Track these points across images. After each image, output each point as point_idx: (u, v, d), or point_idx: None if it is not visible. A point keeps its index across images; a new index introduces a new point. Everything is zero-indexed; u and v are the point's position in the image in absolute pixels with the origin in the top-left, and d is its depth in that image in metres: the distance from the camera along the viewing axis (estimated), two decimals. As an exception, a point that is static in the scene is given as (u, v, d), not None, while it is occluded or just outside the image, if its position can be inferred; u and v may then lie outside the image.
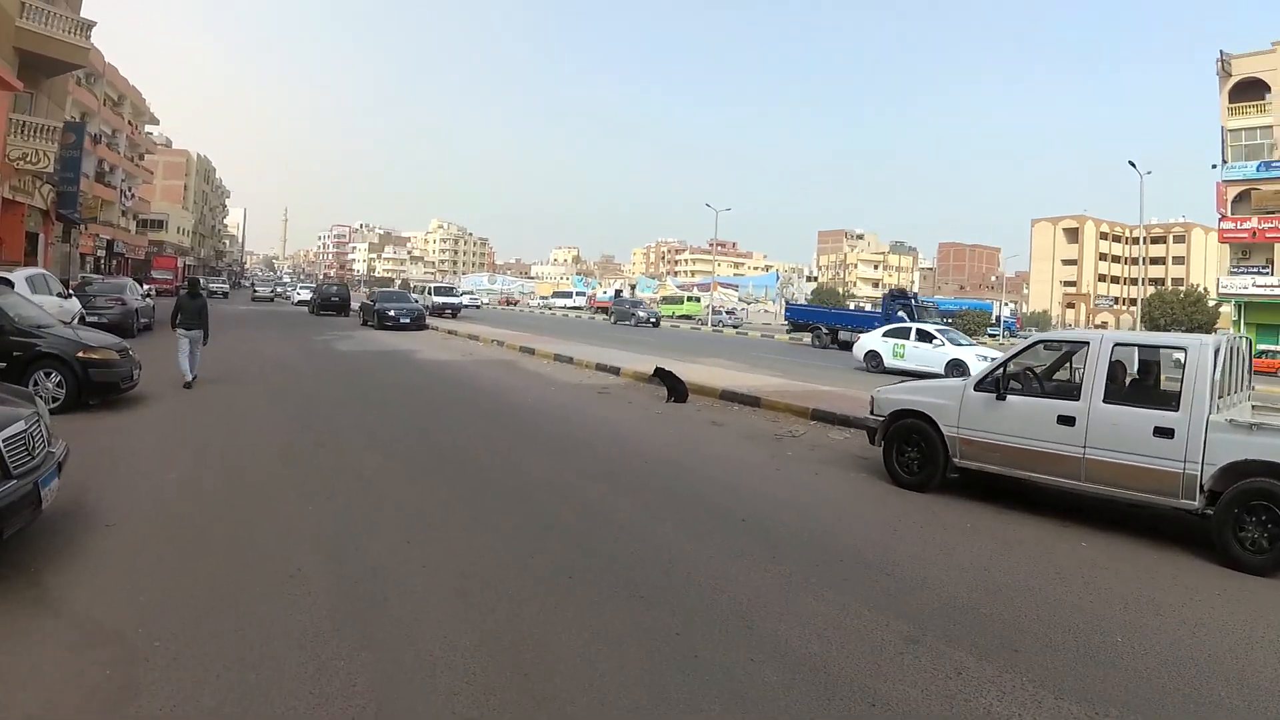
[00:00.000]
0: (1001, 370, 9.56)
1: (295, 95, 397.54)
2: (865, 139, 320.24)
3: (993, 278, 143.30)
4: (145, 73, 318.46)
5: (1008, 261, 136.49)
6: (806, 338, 49.88)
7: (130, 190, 75.89)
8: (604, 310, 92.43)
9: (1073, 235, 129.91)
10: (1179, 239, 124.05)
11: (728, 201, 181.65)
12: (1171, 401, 8.27)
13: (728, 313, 79.58)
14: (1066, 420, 8.77)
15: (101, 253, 67.36)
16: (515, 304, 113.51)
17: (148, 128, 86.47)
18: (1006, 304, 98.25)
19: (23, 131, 30.15)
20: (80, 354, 12.32)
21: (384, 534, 6.88)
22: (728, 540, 7.33)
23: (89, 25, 33.40)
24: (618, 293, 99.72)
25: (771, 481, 10.10)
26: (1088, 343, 9.14)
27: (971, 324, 71.87)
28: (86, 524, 6.89)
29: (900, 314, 41.34)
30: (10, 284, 16.93)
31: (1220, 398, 8.19)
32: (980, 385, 9.67)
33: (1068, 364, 10.27)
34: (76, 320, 20.36)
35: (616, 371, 21.59)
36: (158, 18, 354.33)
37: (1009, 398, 9.35)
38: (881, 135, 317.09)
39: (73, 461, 7.27)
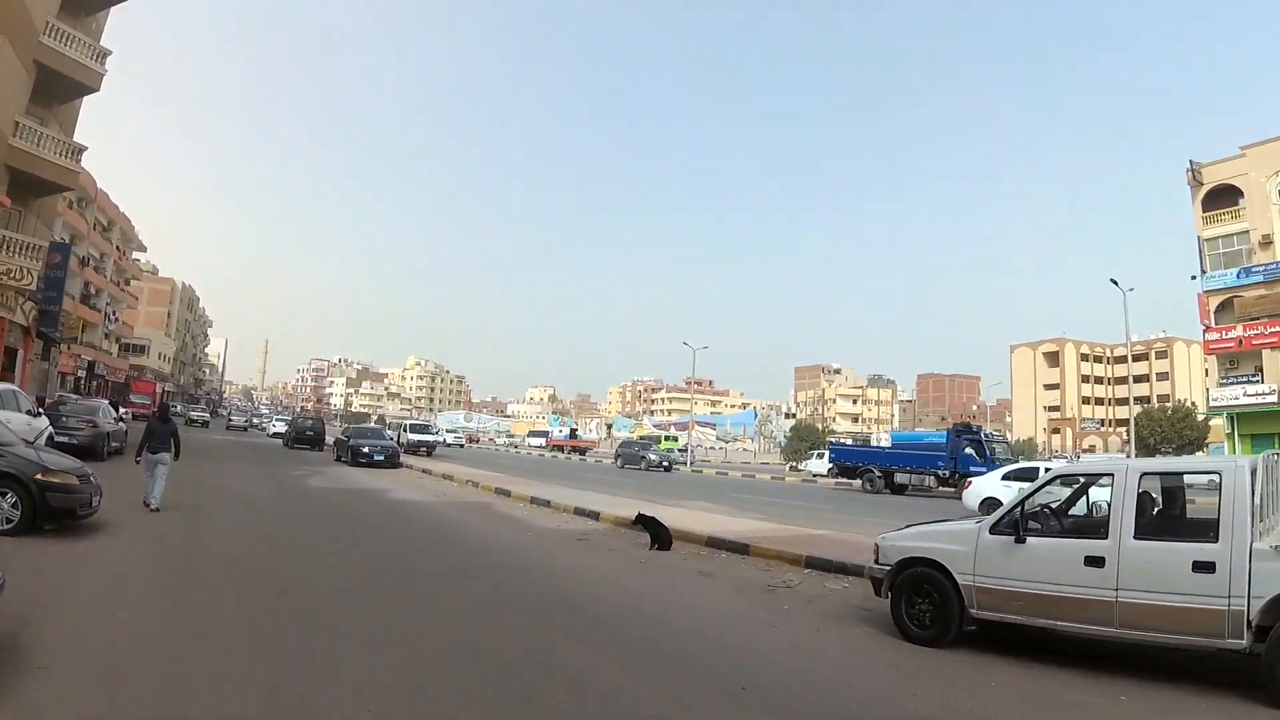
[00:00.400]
0: (1019, 510, 8.84)
1: (281, 229, 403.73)
2: (836, 272, 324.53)
3: (974, 407, 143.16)
4: (134, 198, 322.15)
5: (989, 390, 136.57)
6: (850, 482, 46.64)
7: (114, 314, 75.96)
8: (559, 449, 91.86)
9: (1053, 359, 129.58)
10: (1161, 355, 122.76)
11: (704, 339, 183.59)
12: (1208, 532, 7.63)
13: (680, 450, 77.62)
14: (1095, 561, 8.02)
15: (82, 373, 67.02)
16: (476, 441, 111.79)
17: (135, 254, 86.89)
18: (991, 433, 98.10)
19: (8, 248, 29.94)
20: (39, 476, 11.68)
21: (342, 703, 6.14)
22: (727, 712, 6.61)
23: (80, 149, 33.61)
24: (616, 437, 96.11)
25: (768, 640, 9.29)
26: (1111, 474, 8.47)
27: None
28: (16, 664, 6.18)
29: (969, 450, 39.72)
30: (-26, 399, 16.34)
31: (1260, 522, 7.52)
32: (996, 528, 8.93)
33: (1085, 497, 9.66)
34: (44, 440, 19.72)
35: (596, 516, 20.71)
36: (150, 149, 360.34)
37: (1028, 540, 8.61)
38: (852, 267, 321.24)
39: (13, 593, 6.69)
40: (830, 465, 51.62)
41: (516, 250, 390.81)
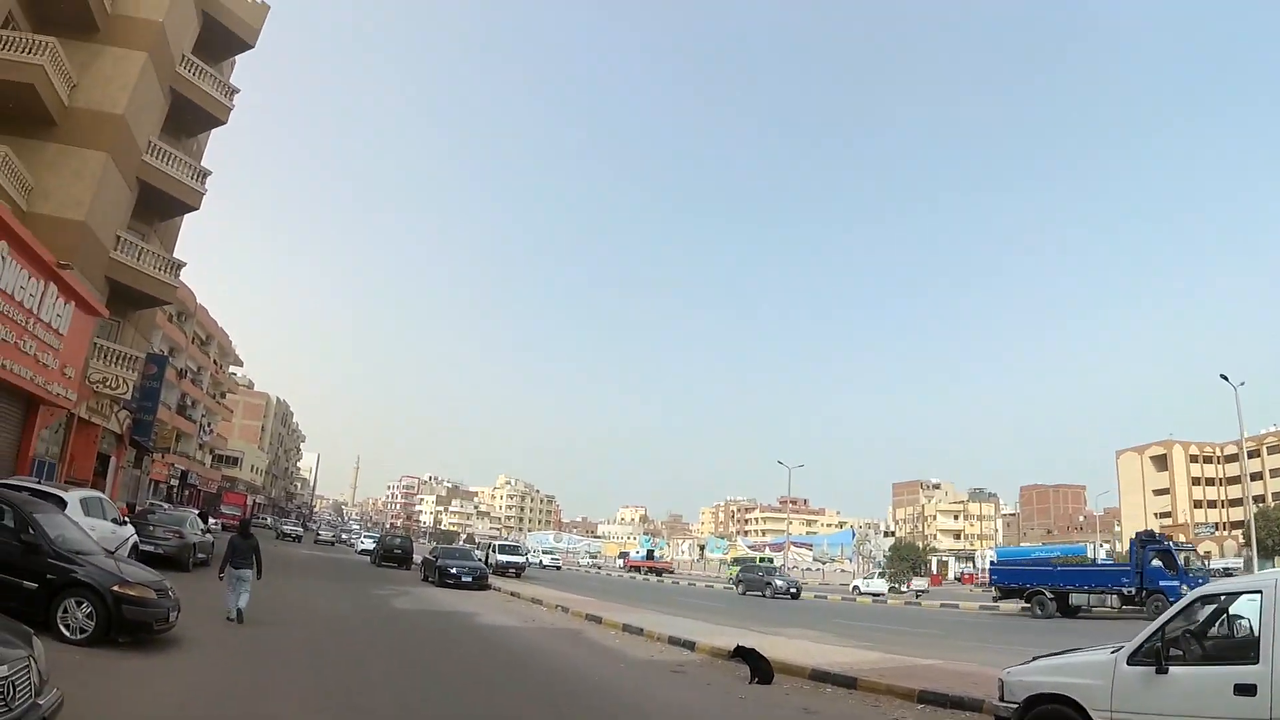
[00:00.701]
0: (1159, 636, 7.77)
1: (374, 348, 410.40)
2: (933, 382, 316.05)
3: (1080, 517, 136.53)
4: (232, 314, 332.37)
5: (1096, 499, 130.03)
6: (1007, 604, 42.64)
7: (209, 426, 77.56)
8: (636, 569, 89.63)
9: (1161, 463, 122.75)
10: (1275, 450, 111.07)
11: (798, 456, 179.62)
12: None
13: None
14: (1245, 690, 6.90)
15: (175, 482, 68.09)
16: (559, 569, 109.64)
17: (231, 369, 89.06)
18: (1100, 545, 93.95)
19: (105, 357, 30.48)
20: (115, 587, 11.24)
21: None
22: None
23: (179, 265, 34.36)
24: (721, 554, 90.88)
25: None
26: (1260, 590, 7.38)
27: None
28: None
29: (1156, 562, 35.73)
30: (63, 503, 16.15)
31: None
32: (1135, 657, 7.83)
33: (1224, 616, 8.34)
34: (128, 549, 19.50)
35: (691, 646, 19.41)
36: (250, 266, 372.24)
37: (1170, 669, 7.51)
38: (951, 378, 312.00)
39: (76, 708, 6.17)
40: (990, 586, 46.92)
41: (607, 369, 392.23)
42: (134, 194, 32.08)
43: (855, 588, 49.46)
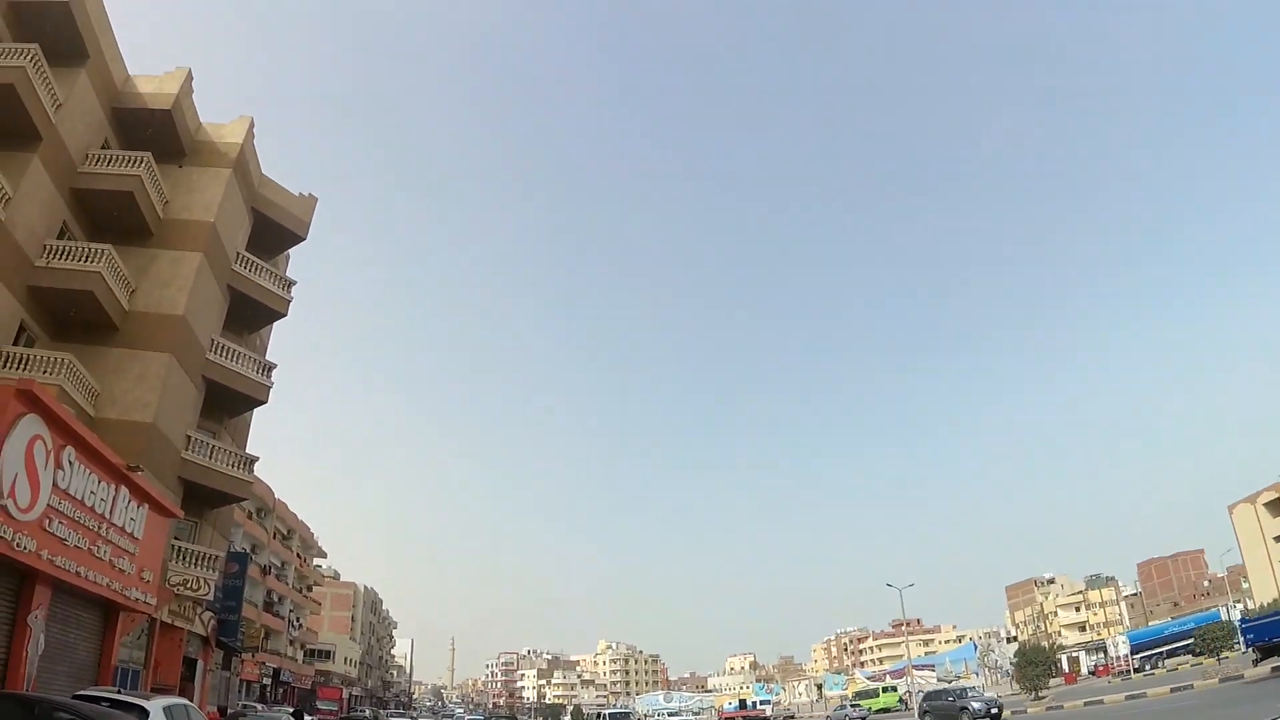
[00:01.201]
0: None
1: (462, 528, 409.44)
2: (1030, 477, 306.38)
3: (1205, 582, 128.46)
4: (311, 504, 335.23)
5: (1218, 559, 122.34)
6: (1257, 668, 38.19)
7: (298, 621, 77.12)
8: None
9: (1277, 507, 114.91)
10: None
11: (903, 577, 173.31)
12: None
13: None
14: None
15: (267, 680, 67.31)
16: None
17: (316, 561, 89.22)
18: (1234, 605, 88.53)
19: (183, 558, 30.42)
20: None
21: None
22: None
23: (251, 460, 34.49)
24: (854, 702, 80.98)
25: None
26: None
27: (1214, 641, 60.56)
28: None
29: None
30: (145, 714, 15.68)
31: None
32: None
33: None
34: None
35: None
36: (328, 454, 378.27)
37: None
38: (1044, 468, 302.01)
39: None
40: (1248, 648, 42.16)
41: (697, 518, 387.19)
42: (201, 392, 32.47)
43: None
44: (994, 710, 43.23)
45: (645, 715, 68.66)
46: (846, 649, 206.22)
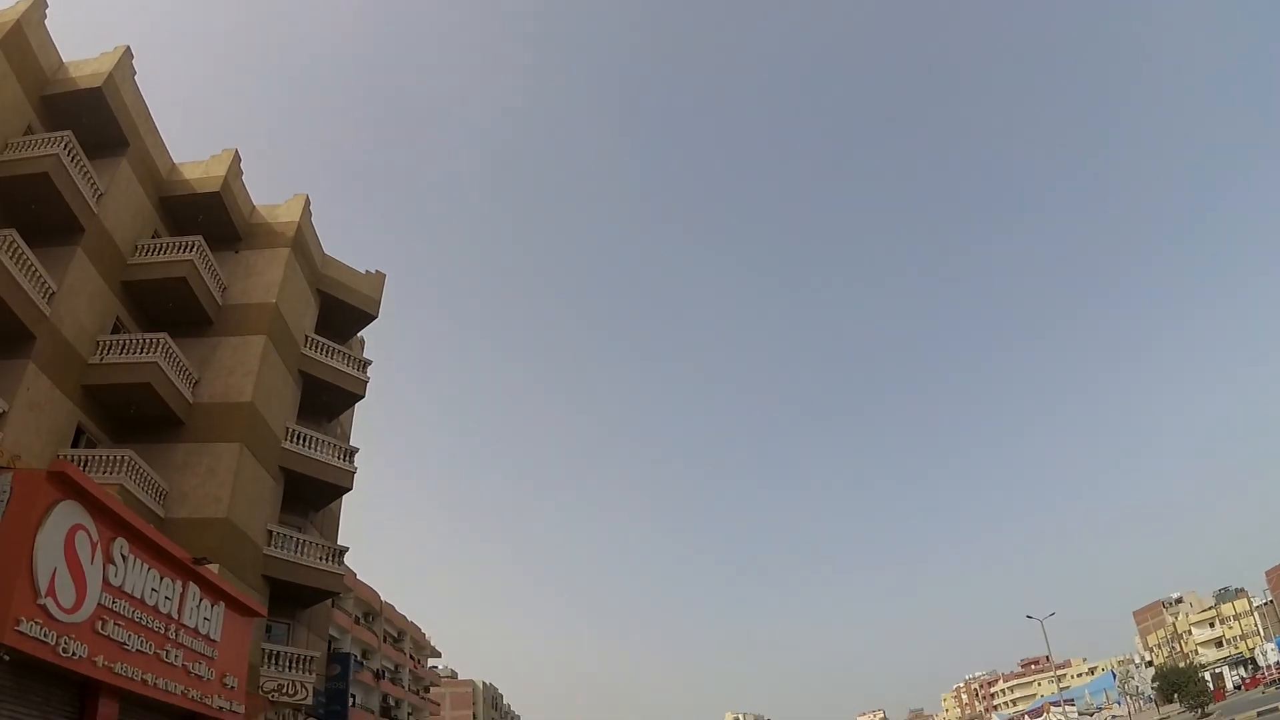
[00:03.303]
0: None
1: (566, 611, 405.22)
2: (1149, 487, 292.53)
3: None
4: (424, 608, 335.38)
5: None
6: None
7: (418, 725, 74.99)
8: None
9: None
10: None
11: (1025, 610, 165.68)
12: None
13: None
14: None
15: (393, 789, 64.91)
16: None
17: (431, 661, 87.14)
18: None
19: (276, 662, 28.13)
20: None
21: None
22: None
23: (341, 551, 32.25)
24: None
25: None
26: None
27: None
28: None
29: None
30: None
31: None
32: None
33: None
34: None
35: None
36: (429, 548, 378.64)
37: None
38: (1166, 473, 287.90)
39: None
40: None
41: (805, 572, 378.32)
42: (279, 484, 30.53)
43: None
44: None
45: None
46: (977, 694, 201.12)
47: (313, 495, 33.34)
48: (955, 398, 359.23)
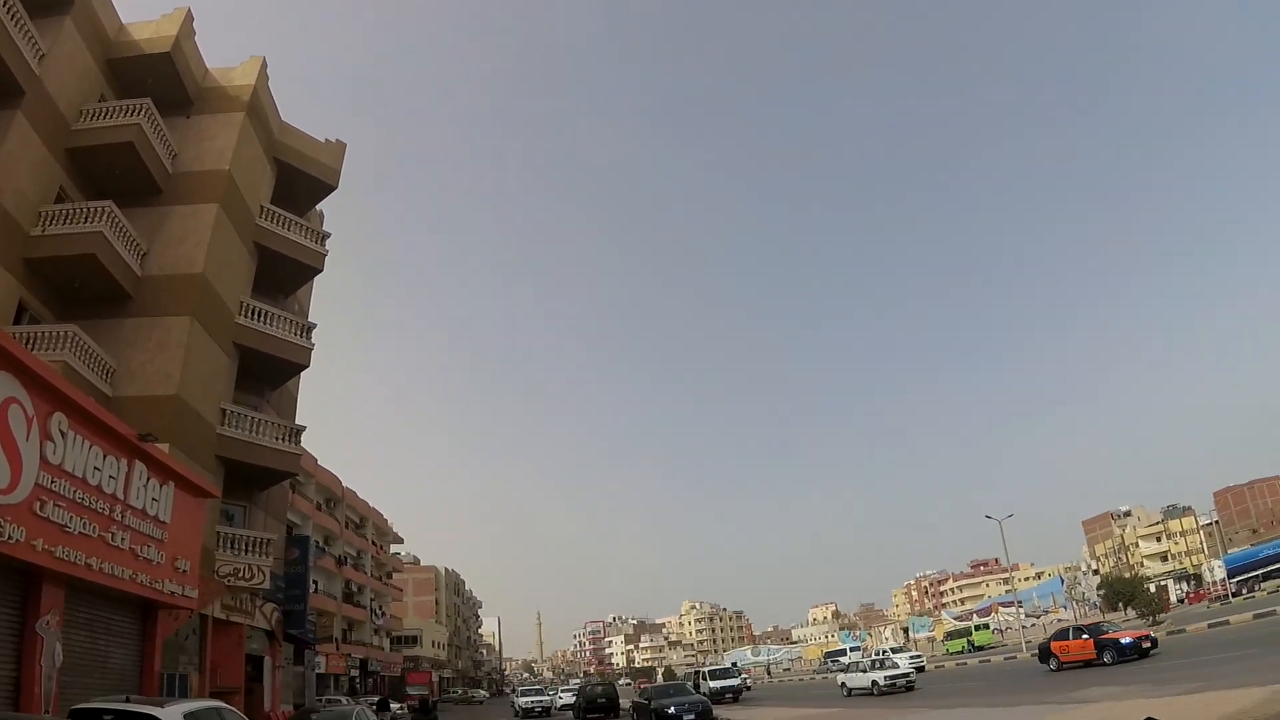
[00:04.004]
0: None
1: (536, 498, 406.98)
2: (1100, 404, 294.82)
3: None
4: (386, 494, 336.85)
5: None
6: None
7: (381, 609, 75.29)
8: None
9: None
10: None
11: (976, 516, 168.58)
12: None
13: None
14: None
15: (355, 672, 65.16)
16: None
17: (394, 548, 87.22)
18: None
19: (232, 546, 27.23)
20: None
21: None
22: None
23: (297, 430, 31.24)
24: None
25: None
26: None
27: None
28: None
29: None
30: (157, 724, 12.32)
31: None
32: None
33: None
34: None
35: None
36: (389, 436, 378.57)
37: None
38: (1114, 393, 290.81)
39: None
40: None
41: (771, 469, 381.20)
42: (234, 361, 29.32)
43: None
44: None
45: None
46: (927, 592, 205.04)
47: (269, 373, 32.27)
48: (927, 303, 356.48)
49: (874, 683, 37.68)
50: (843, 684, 41.69)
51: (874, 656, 45.07)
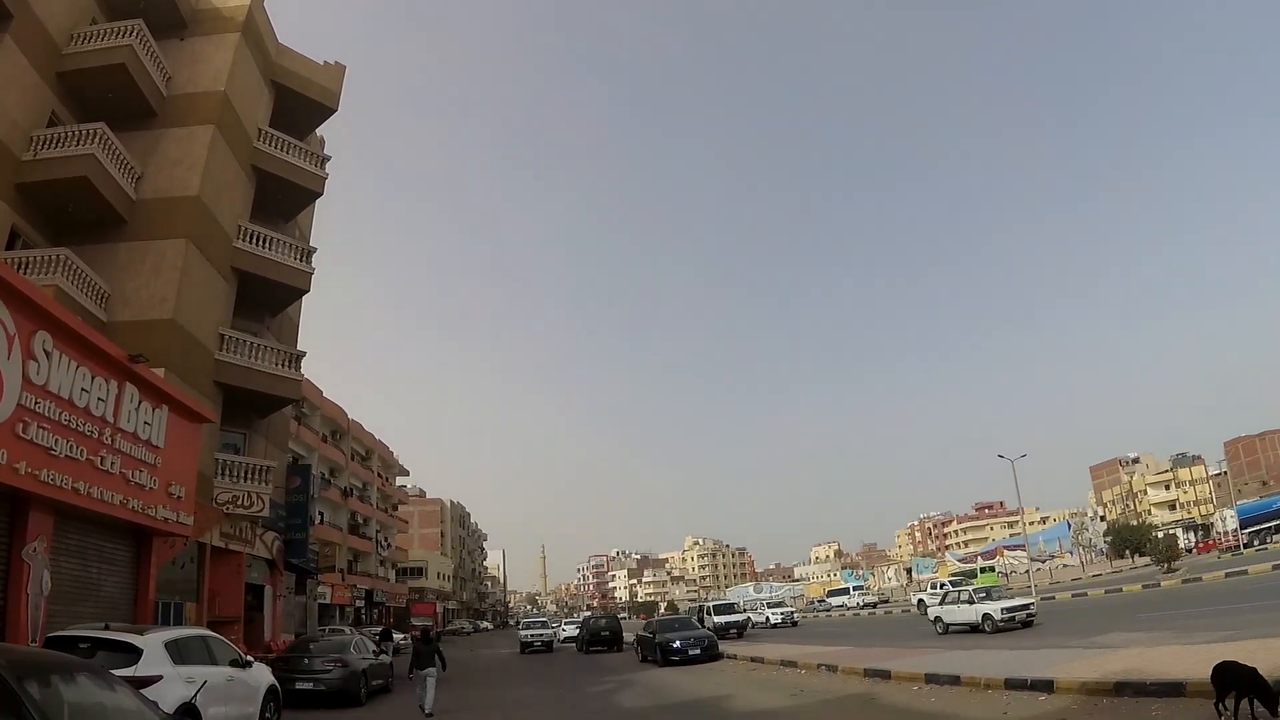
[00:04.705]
0: None
1: (541, 431, 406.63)
2: (1109, 354, 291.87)
3: None
4: (393, 426, 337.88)
5: None
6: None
7: (386, 541, 75.33)
8: None
9: None
10: None
11: (984, 459, 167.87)
12: None
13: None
14: None
15: (360, 603, 65.60)
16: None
17: (399, 480, 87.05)
18: None
19: (230, 473, 26.86)
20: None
21: None
22: None
23: (297, 356, 30.77)
24: None
25: None
26: None
27: None
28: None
29: None
30: (136, 653, 11.76)
31: None
32: None
33: None
34: (264, 698, 15.19)
35: (1049, 686, 13.57)
36: (395, 364, 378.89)
37: None
38: (1125, 342, 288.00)
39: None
40: None
41: (776, 403, 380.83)
42: (232, 286, 28.79)
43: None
44: None
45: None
46: (931, 534, 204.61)
47: (269, 298, 31.78)
48: (932, 239, 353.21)
49: (985, 616, 31.44)
50: (936, 619, 35.24)
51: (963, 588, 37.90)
